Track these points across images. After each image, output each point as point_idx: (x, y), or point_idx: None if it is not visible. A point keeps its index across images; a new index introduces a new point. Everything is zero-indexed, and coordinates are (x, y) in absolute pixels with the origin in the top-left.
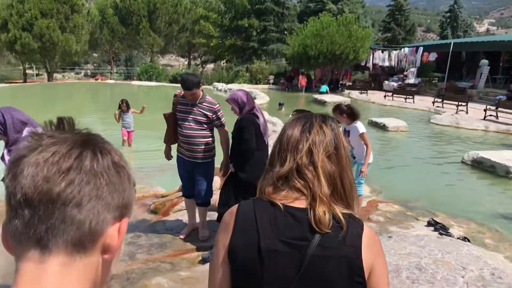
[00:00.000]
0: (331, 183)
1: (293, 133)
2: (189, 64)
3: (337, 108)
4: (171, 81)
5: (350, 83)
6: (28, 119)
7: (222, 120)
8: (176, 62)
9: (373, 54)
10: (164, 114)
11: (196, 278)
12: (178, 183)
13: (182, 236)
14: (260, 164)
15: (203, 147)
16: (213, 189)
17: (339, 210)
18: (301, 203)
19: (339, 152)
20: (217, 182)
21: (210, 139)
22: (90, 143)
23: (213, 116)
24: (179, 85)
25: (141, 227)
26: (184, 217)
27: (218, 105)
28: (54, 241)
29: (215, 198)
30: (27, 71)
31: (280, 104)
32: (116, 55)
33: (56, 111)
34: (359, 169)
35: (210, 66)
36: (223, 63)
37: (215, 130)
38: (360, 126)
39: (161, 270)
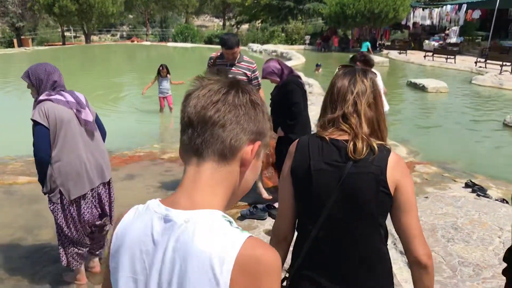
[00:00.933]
0: (370, 126)
1: (342, 85)
2: (223, 24)
3: (353, 58)
4: (206, 42)
5: (389, 43)
6: (59, 80)
7: (259, 80)
8: (210, 23)
9: (413, 12)
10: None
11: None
12: None
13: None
14: (308, 123)
15: None
16: None
17: (374, 142)
18: (343, 137)
19: (376, 100)
20: None
21: None
22: (235, 85)
23: (252, 75)
24: (214, 46)
25: None
26: None
27: (255, 64)
28: (206, 151)
29: None
30: (65, 34)
31: (317, 65)
32: (151, 17)
33: (96, 72)
34: None
35: (245, 26)
36: (258, 24)
37: None
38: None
39: None
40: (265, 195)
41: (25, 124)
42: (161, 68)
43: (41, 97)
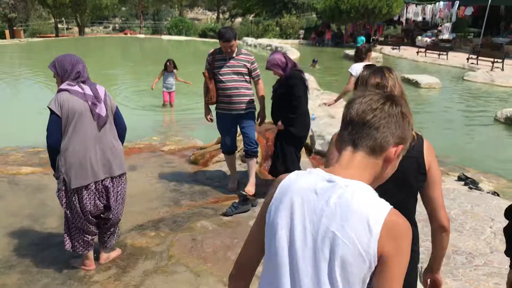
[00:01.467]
0: None
1: (376, 82)
2: (217, 18)
3: (360, 51)
4: (200, 36)
5: (382, 39)
6: (83, 72)
7: (257, 71)
8: (203, 16)
9: (406, 8)
10: (203, 73)
11: (238, 222)
12: (215, 136)
13: (230, 189)
14: (307, 118)
15: (247, 98)
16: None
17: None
18: None
19: (402, 96)
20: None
21: (251, 90)
22: (391, 98)
23: (251, 66)
24: (209, 40)
25: (183, 176)
26: (223, 168)
27: (253, 56)
28: (360, 144)
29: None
30: (58, 26)
31: (313, 61)
32: (144, 9)
33: (92, 63)
34: None
35: (238, 20)
36: (252, 17)
37: None
38: (354, 67)
39: (204, 214)
40: (251, 191)
41: (23, 115)
42: (168, 63)
43: (61, 87)
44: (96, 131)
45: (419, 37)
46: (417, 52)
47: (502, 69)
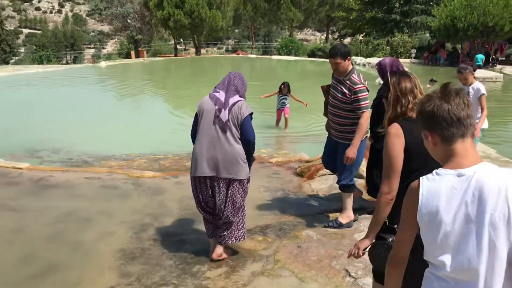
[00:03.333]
0: None
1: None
2: (327, 38)
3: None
4: (309, 56)
5: (503, 58)
6: (225, 81)
7: (361, 103)
8: (312, 37)
9: None
10: (321, 87)
11: (342, 234)
12: (321, 151)
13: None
14: None
15: (344, 128)
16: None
17: None
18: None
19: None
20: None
21: (351, 120)
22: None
23: (352, 96)
24: (317, 59)
25: (289, 187)
26: (328, 181)
27: (361, 85)
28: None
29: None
30: (177, 46)
31: (431, 80)
32: (256, 31)
33: (206, 80)
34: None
35: (347, 40)
36: (361, 37)
37: None
38: (482, 87)
39: (309, 224)
40: (342, 221)
41: (143, 126)
42: (282, 86)
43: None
44: (215, 132)
45: None
46: None
47: None
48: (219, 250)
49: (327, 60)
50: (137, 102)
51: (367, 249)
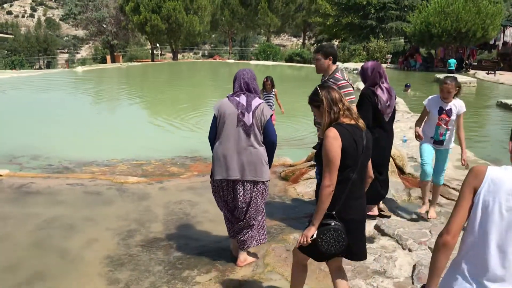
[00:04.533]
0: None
1: (335, 96)
2: (303, 43)
3: (450, 80)
4: (287, 61)
5: (475, 63)
6: (241, 85)
7: (348, 97)
8: (288, 42)
9: (503, 31)
10: None
11: None
12: (304, 155)
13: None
14: (379, 140)
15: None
16: None
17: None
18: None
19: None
20: None
21: None
22: None
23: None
24: (295, 64)
25: (274, 191)
26: (313, 185)
27: (344, 81)
28: None
29: None
30: (154, 51)
31: (406, 86)
32: (234, 36)
33: (184, 84)
34: (447, 156)
35: None
36: (337, 42)
37: None
38: (463, 104)
39: (296, 228)
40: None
41: (123, 131)
42: (265, 80)
43: (227, 95)
44: (239, 136)
45: None
46: None
47: None
48: (242, 256)
49: (305, 65)
50: (116, 107)
51: (314, 236)
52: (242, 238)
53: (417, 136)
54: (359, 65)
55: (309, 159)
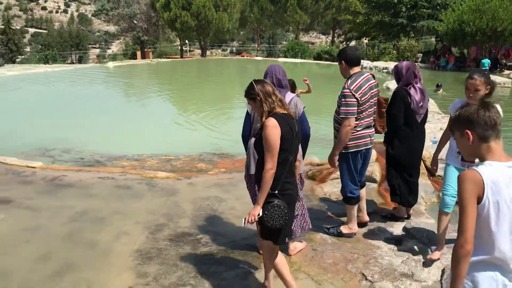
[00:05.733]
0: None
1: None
2: (332, 41)
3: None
4: (315, 58)
5: (511, 63)
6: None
7: (341, 108)
8: (317, 40)
9: None
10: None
11: (357, 239)
12: None
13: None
14: (410, 140)
15: (337, 133)
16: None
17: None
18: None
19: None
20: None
21: (345, 128)
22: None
23: (339, 100)
24: (323, 62)
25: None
26: (340, 185)
27: (346, 90)
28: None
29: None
30: (183, 48)
31: (438, 86)
32: (263, 33)
33: (212, 81)
34: None
35: (353, 43)
36: (366, 40)
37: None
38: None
39: (322, 227)
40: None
41: (153, 126)
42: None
43: None
44: None
45: None
46: None
47: None
48: (292, 245)
49: (333, 63)
50: (145, 103)
51: (260, 214)
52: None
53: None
54: (388, 64)
55: (332, 165)
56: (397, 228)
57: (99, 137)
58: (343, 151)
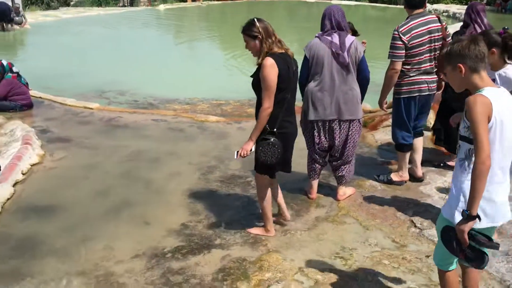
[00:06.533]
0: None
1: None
2: None
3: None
4: (370, 1)
5: None
6: (334, 23)
7: (389, 51)
8: None
9: None
10: None
11: (407, 187)
12: None
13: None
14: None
15: None
16: None
17: None
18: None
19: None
20: None
21: (389, 71)
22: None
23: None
24: (379, 4)
25: None
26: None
27: (396, 33)
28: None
29: None
30: None
31: (504, 28)
32: None
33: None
34: None
35: None
36: None
37: None
38: None
39: (372, 175)
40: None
41: (203, 71)
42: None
43: (316, 34)
44: (336, 75)
45: None
46: None
47: None
48: (341, 191)
49: (390, 5)
50: (196, 46)
51: (252, 149)
52: (340, 174)
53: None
54: (450, 7)
55: (390, 106)
56: (449, 177)
57: (151, 80)
58: (396, 96)
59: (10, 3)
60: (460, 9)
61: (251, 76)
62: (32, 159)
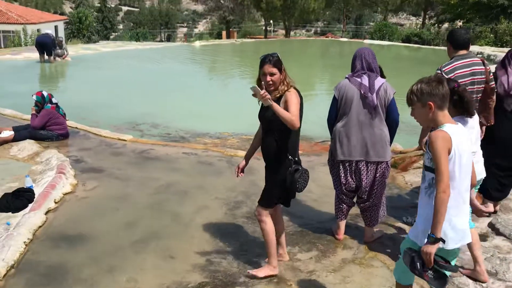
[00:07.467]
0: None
1: None
2: (423, 23)
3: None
4: (403, 41)
5: None
6: (364, 66)
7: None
8: (406, 21)
9: None
10: None
11: None
12: (416, 142)
13: None
14: (492, 131)
15: None
16: None
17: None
18: None
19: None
20: None
21: None
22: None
23: None
24: (411, 45)
25: None
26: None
27: (438, 72)
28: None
29: None
30: (267, 28)
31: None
32: (349, 13)
33: (295, 61)
34: None
35: (445, 26)
36: (461, 23)
37: None
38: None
39: (401, 217)
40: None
41: (235, 106)
42: None
43: (346, 75)
44: (363, 117)
45: None
46: None
47: None
48: (369, 233)
49: (423, 46)
50: (228, 82)
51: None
52: (368, 216)
53: None
54: (484, 49)
55: (421, 148)
56: (482, 223)
57: (184, 113)
58: None
59: (54, 35)
60: (494, 51)
61: (261, 108)
62: (65, 188)
